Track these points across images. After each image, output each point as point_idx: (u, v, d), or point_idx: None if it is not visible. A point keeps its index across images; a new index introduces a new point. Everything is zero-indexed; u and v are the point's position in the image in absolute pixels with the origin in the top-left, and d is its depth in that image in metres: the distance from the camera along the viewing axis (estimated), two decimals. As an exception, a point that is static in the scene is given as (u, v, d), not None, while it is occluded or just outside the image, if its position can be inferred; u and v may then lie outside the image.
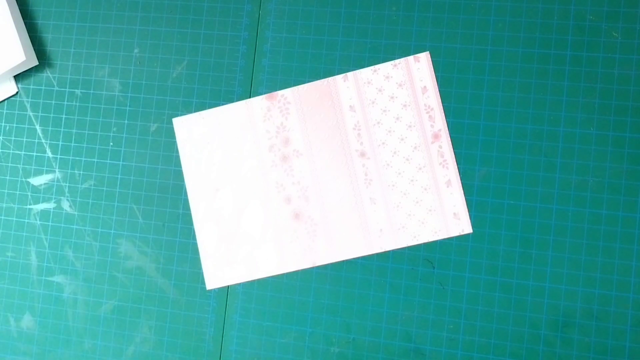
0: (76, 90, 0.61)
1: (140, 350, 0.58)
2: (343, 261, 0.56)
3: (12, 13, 0.60)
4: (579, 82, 0.53)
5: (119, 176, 0.60)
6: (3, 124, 0.62)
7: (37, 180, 0.61)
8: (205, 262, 0.58)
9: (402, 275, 0.55)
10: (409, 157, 0.55)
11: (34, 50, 0.62)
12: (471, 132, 0.54)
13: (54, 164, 0.61)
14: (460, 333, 0.53)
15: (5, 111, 0.62)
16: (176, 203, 0.58)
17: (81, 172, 0.60)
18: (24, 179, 0.61)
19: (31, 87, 0.62)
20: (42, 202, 0.61)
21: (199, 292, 0.58)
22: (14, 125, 0.62)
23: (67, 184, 0.60)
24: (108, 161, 0.60)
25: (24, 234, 0.61)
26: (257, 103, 0.58)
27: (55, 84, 0.61)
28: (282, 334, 0.56)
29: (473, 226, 0.54)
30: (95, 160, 0.60)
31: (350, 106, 0.56)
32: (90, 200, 0.60)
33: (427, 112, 0.55)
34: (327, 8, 0.57)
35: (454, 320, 0.54)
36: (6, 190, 0.61)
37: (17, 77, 0.62)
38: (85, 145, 0.60)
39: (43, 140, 0.61)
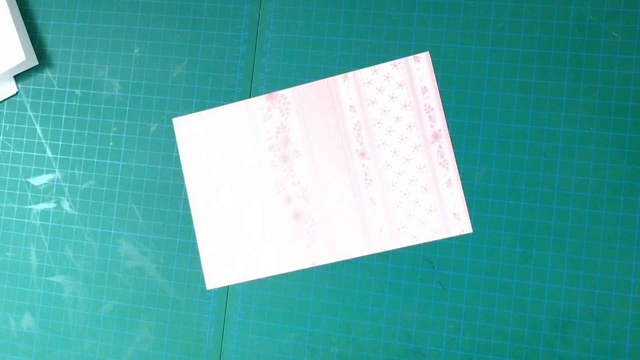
0: (76, 90, 0.61)
1: (140, 350, 0.58)
2: (343, 261, 0.56)
3: (12, 13, 0.60)
4: (579, 82, 0.53)
5: (119, 176, 0.60)
6: (3, 124, 0.62)
7: (37, 180, 0.61)
8: (205, 262, 0.58)
9: (402, 275, 0.55)
10: (409, 157, 0.55)
11: (34, 50, 0.62)
12: (471, 132, 0.54)
13: (54, 164, 0.61)
14: (460, 333, 0.53)
15: (5, 111, 0.62)
16: (176, 203, 0.58)
17: (81, 172, 0.60)
18: (24, 179, 0.61)
19: (31, 87, 0.62)
20: (42, 202, 0.61)
21: (199, 292, 0.58)
22: (14, 125, 0.62)
23: (67, 184, 0.60)
24: (108, 161, 0.60)
25: (24, 234, 0.61)
26: (257, 103, 0.58)
27: (55, 84, 0.61)
28: (282, 334, 0.56)
29: (473, 226, 0.54)
30: (95, 160, 0.60)
31: (350, 106, 0.56)
32: (90, 200, 0.60)
33: (427, 112, 0.55)
34: (327, 8, 0.57)
35: (454, 320, 0.54)
36: (6, 190, 0.62)
37: (17, 77, 0.62)
38: (85, 145, 0.60)
39: (43, 140, 0.61)
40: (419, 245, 0.54)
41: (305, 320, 0.56)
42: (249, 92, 0.58)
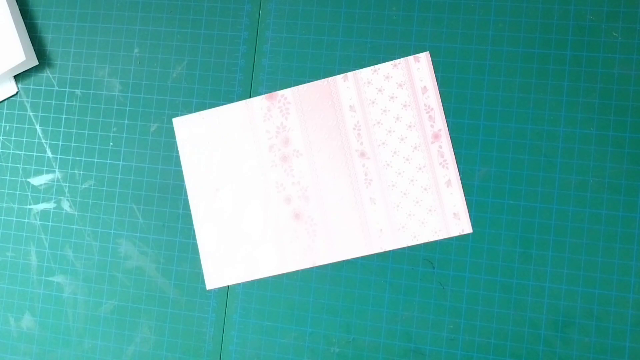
0: (76, 90, 0.61)
1: (140, 350, 0.58)
2: (343, 261, 0.56)
3: (12, 13, 0.60)
4: (579, 82, 0.53)
5: (119, 176, 0.60)
6: (3, 124, 0.62)
7: (37, 180, 0.61)
8: (205, 262, 0.58)
9: (402, 275, 0.55)
10: (409, 157, 0.55)
11: (34, 50, 0.62)
12: (471, 132, 0.54)
13: (54, 164, 0.61)
14: (460, 333, 0.53)
15: (5, 111, 0.62)
16: (176, 203, 0.58)
17: (81, 172, 0.60)
18: (24, 179, 0.61)
19: (31, 87, 0.62)
20: (42, 202, 0.61)
21: (199, 292, 0.58)
22: (14, 125, 0.62)
23: (67, 184, 0.60)
24: (108, 161, 0.60)
25: (24, 234, 0.61)
26: (257, 103, 0.58)
27: (55, 84, 0.61)
28: (282, 334, 0.56)
29: (473, 226, 0.54)
30: (95, 160, 0.60)
31: (350, 106, 0.56)
32: (90, 200, 0.60)
33: (427, 112, 0.55)
34: (327, 8, 0.57)
35: (454, 320, 0.54)
36: (6, 190, 0.61)
37: (17, 77, 0.62)
38: (85, 145, 0.60)
39: (43, 140, 0.61)
40: (419, 245, 0.54)
41: (305, 320, 0.56)
42: (249, 92, 0.58)
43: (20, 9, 0.62)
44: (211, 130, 0.58)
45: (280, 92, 0.57)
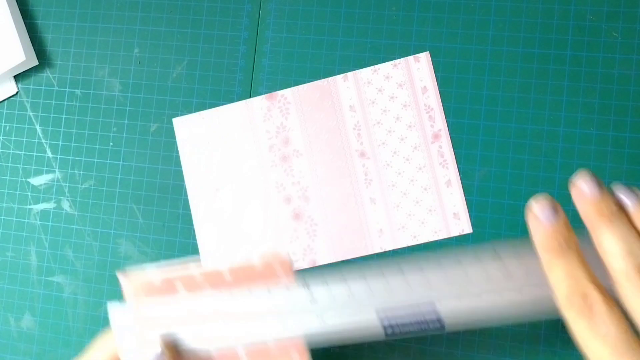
0: (76, 90, 0.61)
1: (140, 350, 0.58)
2: (343, 261, 0.55)
3: (12, 13, 0.60)
4: (579, 82, 0.53)
5: (119, 176, 0.60)
6: (3, 124, 0.62)
7: (37, 180, 0.61)
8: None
9: (402, 275, 0.54)
10: (409, 157, 0.55)
11: (34, 50, 0.62)
12: (471, 132, 0.54)
13: (54, 164, 0.61)
14: (460, 333, 0.53)
15: (5, 111, 0.62)
16: (176, 203, 0.58)
17: (81, 172, 0.60)
18: (24, 179, 0.61)
19: (31, 87, 0.62)
20: (42, 202, 0.61)
21: (199, 292, 0.58)
22: (14, 125, 0.62)
23: (67, 184, 0.60)
24: (108, 161, 0.60)
25: (24, 234, 0.61)
26: (257, 103, 0.58)
27: (55, 84, 0.61)
28: (282, 334, 0.56)
29: (473, 226, 0.54)
30: (95, 160, 0.60)
31: (350, 106, 0.56)
32: (90, 200, 0.60)
33: (427, 112, 0.55)
34: (327, 8, 0.57)
35: (454, 320, 0.53)
36: (6, 190, 0.61)
37: (17, 77, 0.62)
38: (85, 145, 0.60)
39: (43, 140, 0.61)
40: (419, 245, 0.54)
41: (305, 320, 0.56)
42: (249, 92, 0.58)
43: (20, 9, 0.62)
44: (211, 130, 0.58)
45: (280, 92, 0.57)
